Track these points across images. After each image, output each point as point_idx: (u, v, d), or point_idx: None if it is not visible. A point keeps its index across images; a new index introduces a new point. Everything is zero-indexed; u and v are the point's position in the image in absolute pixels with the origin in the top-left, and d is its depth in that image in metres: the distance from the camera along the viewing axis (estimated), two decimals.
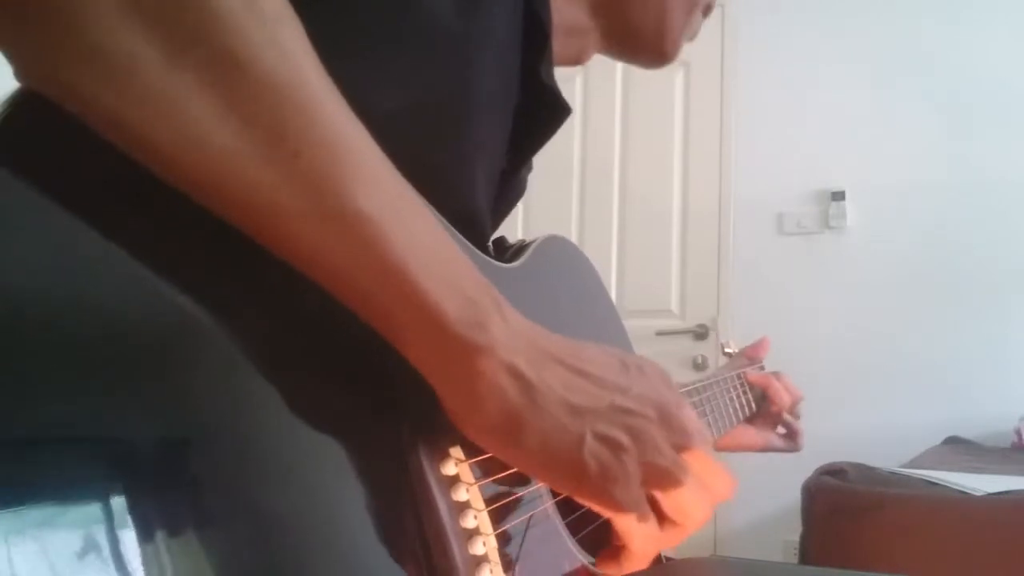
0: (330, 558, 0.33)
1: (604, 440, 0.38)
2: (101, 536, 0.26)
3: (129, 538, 0.27)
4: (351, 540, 0.34)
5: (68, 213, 0.29)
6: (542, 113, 0.56)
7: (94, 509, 0.27)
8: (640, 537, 0.42)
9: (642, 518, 0.41)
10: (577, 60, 0.64)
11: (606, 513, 0.40)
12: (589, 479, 0.38)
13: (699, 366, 2.78)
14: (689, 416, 0.43)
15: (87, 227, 0.29)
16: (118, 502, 0.27)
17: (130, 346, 0.29)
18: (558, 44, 0.58)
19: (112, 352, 0.29)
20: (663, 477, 0.41)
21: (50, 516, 0.26)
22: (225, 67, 0.29)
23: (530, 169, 0.63)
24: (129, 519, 0.27)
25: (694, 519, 0.43)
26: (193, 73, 0.29)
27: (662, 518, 0.43)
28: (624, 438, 0.39)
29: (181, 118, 0.29)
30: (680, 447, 0.41)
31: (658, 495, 0.42)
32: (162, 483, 0.29)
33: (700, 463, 0.43)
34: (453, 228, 0.44)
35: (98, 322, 0.29)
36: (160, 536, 0.28)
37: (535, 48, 0.53)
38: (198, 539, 0.29)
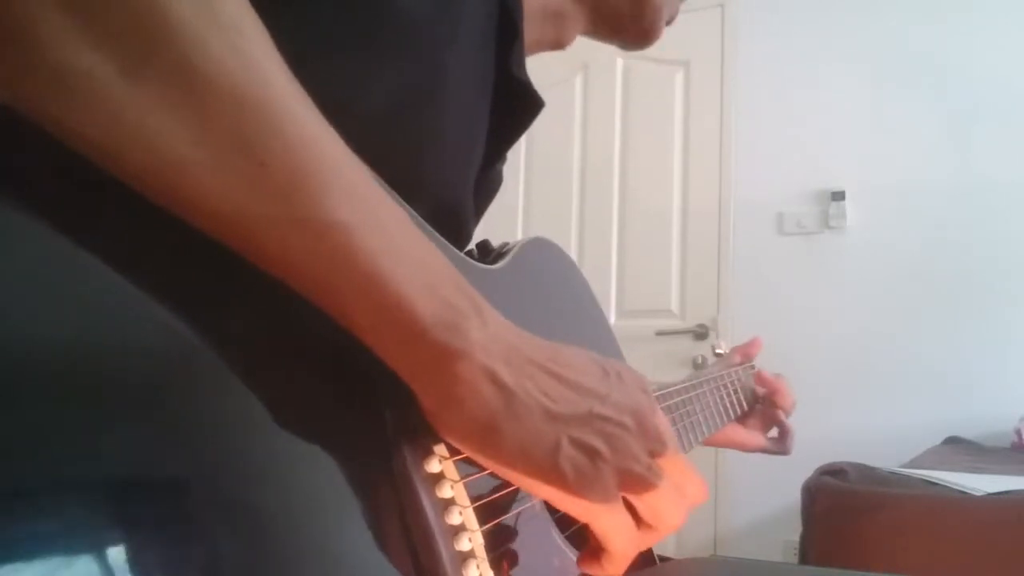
0: (316, 559, 0.33)
1: (581, 446, 0.38)
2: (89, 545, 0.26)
3: (115, 540, 0.27)
4: (336, 540, 0.34)
5: (41, 222, 0.29)
6: (515, 107, 0.56)
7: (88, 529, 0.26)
8: (619, 539, 0.42)
9: (619, 517, 0.41)
10: (558, 44, 0.64)
11: (583, 518, 0.40)
12: (566, 485, 0.38)
13: (699, 366, 2.78)
14: (663, 423, 0.43)
15: (61, 237, 0.29)
16: (107, 512, 0.27)
17: (106, 355, 0.29)
18: (537, 29, 0.57)
19: (86, 364, 0.28)
20: (638, 482, 0.41)
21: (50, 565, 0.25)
22: (183, 78, 0.28)
23: (504, 162, 0.63)
24: (116, 521, 0.27)
25: (668, 522, 0.44)
26: (151, 86, 0.28)
27: (638, 521, 0.43)
28: (601, 445, 0.39)
29: (142, 132, 0.28)
30: (655, 453, 0.42)
31: (633, 499, 0.42)
32: (148, 487, 0.28)
33: (674, 468, 0.44)
34: (432, 229, 0.43)
35: (74, 336, 0.28)
36: (147, 539, 0.27)
37: (507, 41, 0.53)
38: (182, 540, 0.28)
